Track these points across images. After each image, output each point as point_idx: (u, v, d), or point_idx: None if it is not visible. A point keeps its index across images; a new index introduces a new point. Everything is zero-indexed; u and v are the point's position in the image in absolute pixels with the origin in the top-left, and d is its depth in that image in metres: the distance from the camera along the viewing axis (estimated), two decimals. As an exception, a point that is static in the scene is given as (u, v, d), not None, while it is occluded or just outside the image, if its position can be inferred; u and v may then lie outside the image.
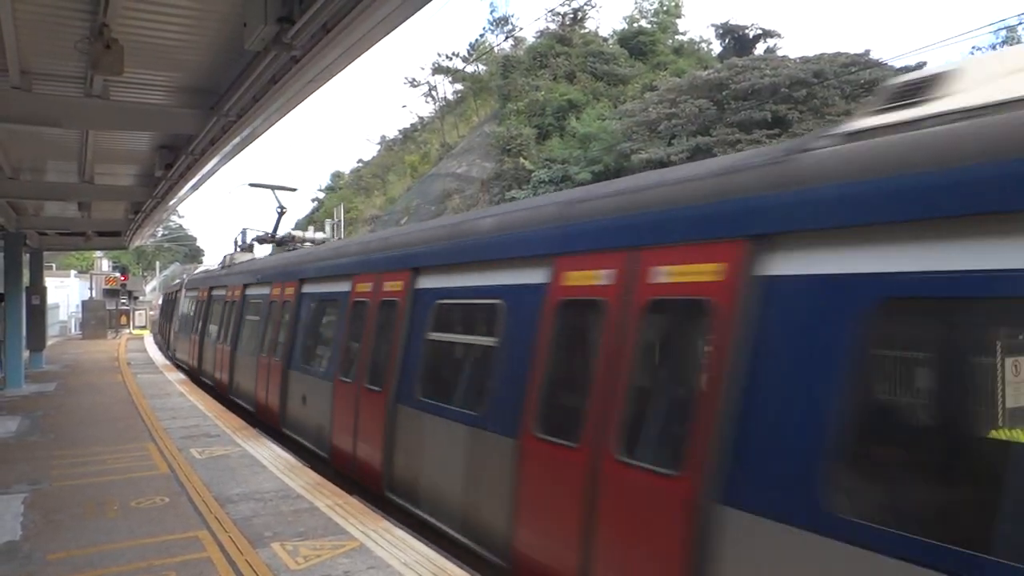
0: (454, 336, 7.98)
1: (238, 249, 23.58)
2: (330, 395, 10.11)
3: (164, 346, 33.06)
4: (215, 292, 20.48)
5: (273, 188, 22.10)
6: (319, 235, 21.37)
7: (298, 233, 21.04)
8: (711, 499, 4.12)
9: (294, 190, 35.80)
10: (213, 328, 20.01)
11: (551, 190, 38.11)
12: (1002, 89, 3.74)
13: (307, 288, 12.31)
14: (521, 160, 46.34)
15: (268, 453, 10.19)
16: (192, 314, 24.26)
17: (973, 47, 45.31)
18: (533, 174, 44.06)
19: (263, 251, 22.38)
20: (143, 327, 51.09)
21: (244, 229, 24.93)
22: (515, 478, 5.93)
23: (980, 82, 3.95)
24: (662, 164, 32.67)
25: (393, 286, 8.82)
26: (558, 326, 5.91)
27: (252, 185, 22.49)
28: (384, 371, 8.56)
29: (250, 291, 16.27)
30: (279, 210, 21.76)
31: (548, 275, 6.04)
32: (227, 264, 21.92)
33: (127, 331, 46.57)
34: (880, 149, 3.88)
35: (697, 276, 4.60)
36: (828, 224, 3.91)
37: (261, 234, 22.43)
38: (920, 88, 4.22)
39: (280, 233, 21.69)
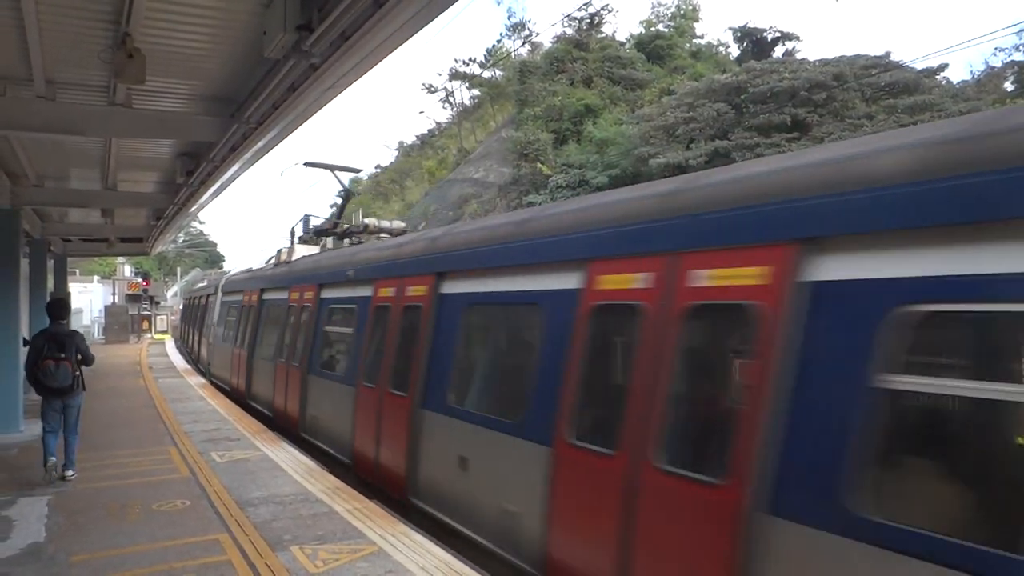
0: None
1: (296, 241, 18.27)
2: (545, 466, 6.02)
3: (186, 353, 32.56)
4: (269, 296, 16.31)
5: (333, 168, 18.03)
6: (397, 223, 16.06)
7: (372, 221, 15.72)
8: None
9: (358, 171, 31.45)
10: (269, 342, 15.66)
11: (568, 195, 38.11)
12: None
13: (454, 286, 8.24)
14: (538, 165, 46.33)
15: (287, 457, 10.27)
16: (234, 323, 19.77)
17: (996, 48, 44.89)
18: (550, 179, 44.05)
19: (307, 249, 17.37)
20: (164, 332, 51.65)
21: (306, 216, 19.32)
22: None
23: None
24: (680, 169, 32.53)
25: (743, 275, 4.53)
26: None
27: (309, 164, 18.02)
28: (727, 452, 4.43)
29: (330, 293, 12.35)
30: (343, 194, 17.44)
31: None
32: (283, 260, 17.13)
33: (148, 336, 47.13)
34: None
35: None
36: None
37: (320, 225, 17.74)
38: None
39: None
